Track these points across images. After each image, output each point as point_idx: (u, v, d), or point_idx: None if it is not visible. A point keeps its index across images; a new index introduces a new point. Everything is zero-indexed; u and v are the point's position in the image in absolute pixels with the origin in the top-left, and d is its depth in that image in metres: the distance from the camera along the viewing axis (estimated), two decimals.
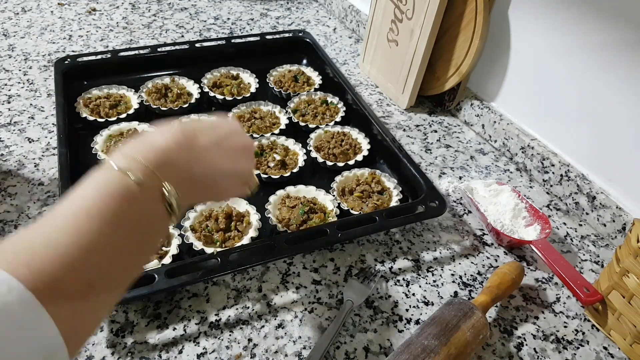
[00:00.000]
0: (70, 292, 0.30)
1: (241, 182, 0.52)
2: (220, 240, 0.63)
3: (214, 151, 0.46)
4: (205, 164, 0.45)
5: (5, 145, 0.79)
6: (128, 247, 0.36)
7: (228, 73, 0.98)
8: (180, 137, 0.42)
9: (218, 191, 0.50)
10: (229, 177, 0.49)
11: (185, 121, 0.46)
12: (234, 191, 0.52)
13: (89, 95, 0.87)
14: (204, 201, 0.61)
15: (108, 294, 0.35)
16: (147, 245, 0.39)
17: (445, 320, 0.53)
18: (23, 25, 1.13)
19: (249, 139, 0.53)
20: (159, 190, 0.38)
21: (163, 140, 0.40)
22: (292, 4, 1.38)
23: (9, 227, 0.66)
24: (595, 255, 0.71)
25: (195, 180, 0.44)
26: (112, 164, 0.36)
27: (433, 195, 0.69)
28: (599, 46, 0.69)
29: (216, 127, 0.48)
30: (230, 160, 0.48)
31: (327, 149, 0.81)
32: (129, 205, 0.35)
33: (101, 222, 0.33)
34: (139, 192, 0.36)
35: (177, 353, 0.54)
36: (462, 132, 0.94)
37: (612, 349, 0.59)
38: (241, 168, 0.51)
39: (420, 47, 0.90)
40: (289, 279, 0.63)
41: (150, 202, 0.37)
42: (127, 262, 0.36)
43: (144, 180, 0.36)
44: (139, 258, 0.38)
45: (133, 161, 0.37)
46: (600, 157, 0.74)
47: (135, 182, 0.36)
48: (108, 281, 0.34)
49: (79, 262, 0.31)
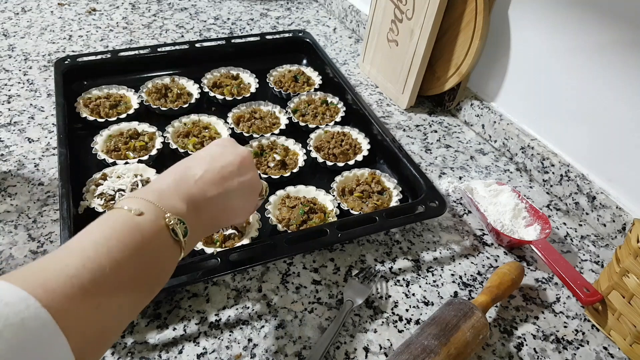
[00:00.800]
0: (81, 311, 0.33)
1: (251, 194, 0.53)
2: (220, 240, 0.63)
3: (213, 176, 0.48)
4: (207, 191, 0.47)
5: (5, 145, 0.79)
6: (135, 274, 0.38)
7: (228, 73, 0.98)
8: (175, 176, 0.47)
9: (234, 213, 0.52)
10: (237, 195, 0.51)
11: (178, 162, 0.50)
12: (248, 207, 0.54)
13: (89, 95, 0.87)
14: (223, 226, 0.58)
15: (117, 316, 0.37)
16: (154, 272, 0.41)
17: (445, 321, 0.53)
18: (23, 25, 1.13)
19: (242, 150, 0.53)
20: (162, 219, 0.41)
21: (160, 183, 0.46)
22: (292, 4, 1.38)
23: (9, 227, 0.66)
24: (595, 255, 0.71)
25: (201, 208, 0.47)
26: (117, 206, 0.41)
27: (433, 195, 0.69)
28: (599, 46, 0.69)
29: (207, 154, 0.51)
30: (230, 178, 0.50)
31: (327, 149, 0.81)
32: (133, 235, 0.39)
33: (108, 249, 0.36)
34: (142, 222, 0.40)
35: (177, 353, 0.54)
36: (462, 132, 0.94)
37: (612, 349, 0.59)
38: (245, 181, 0.52)
39: (420, 47, 0.90)
40: (289, 279, 0.63)
41: (154, 231, 0.40)
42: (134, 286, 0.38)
43: (145, 212, 0.40)
44: (146, 284, 0.40)
45: (135, 200, 0.42)
46: (600, 157, 0.74)
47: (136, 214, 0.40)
48: (116, 303, 0.36)
49: (88, 284, 0.34)
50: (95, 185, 0.69)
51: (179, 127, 0.83)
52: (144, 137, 0.80)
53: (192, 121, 0.84)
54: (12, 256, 0.62)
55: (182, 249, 0.43)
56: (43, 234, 0.65)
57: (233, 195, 0.50)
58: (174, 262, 0.43)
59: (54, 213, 0.68)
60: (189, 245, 0.44)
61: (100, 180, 0.69)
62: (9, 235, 0.65)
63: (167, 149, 0.79)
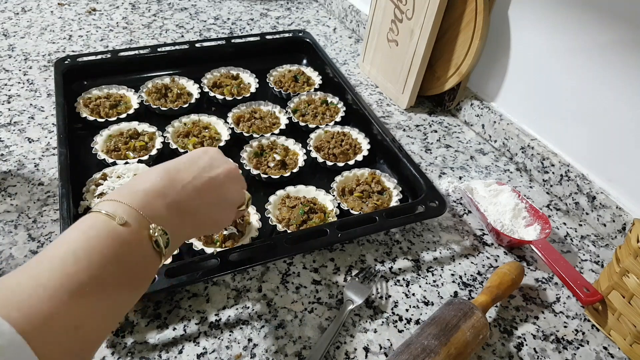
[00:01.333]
0: (59, 333, 0.31)
1: (233, 206, 0.53)
2: (220, 240, 0.63)
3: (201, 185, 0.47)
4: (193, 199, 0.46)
5: (5, 145, 0.79)
6: (116, 286, 0.37)
7: (228, 73, 0.98)
8: (163, 177, 0.44)
9: (214, 223, 0.51)
10: (221, 207, 0.51)
11: (166, 162, 0.48)
12: (229, 218, 0.53)
13: (89, 95, 0.87)
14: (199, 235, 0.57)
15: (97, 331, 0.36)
16: (136, 283, 0.40)
17: (445, 320, 0.53)
18: (23, 25, 1.13)
19: (230, 163, 0.53)
20: (146, 229, 0.40)
21: (147, 182, 0.43)
22: (292, 4, 1.38)
23: (9, 227, 0.66)
24: (595, 255, 0.71)
25: (185, 215, 0.45)
26: (98, 209, 0.38)
27: (433, 195, 0.69)
28: (599, 46, 0.69)
29: (196, 160, 0.50)
30: (216, 191, 0.49)
31: (327, 149, 0.81)
32: (115, 246, 0.37)
33: (88, 263, 0.34)
34: (124, 232, 0.38)
35: (177, 353, 0.54)
36: (462, 132, 0.94)
37: (612, 349, 0.59)
38: (230, 195, 0.52)
39: (420, 47, 0.90)
40: (289, 279, 0.63)
41: (137, 242, 0.39)
42: (115, 299, 0.37)
43: (129, 221, 0.38)
44: (128, 296, 0.39)
45: (118, 205, 0.39)
46: (600, 157, 0.74)
47: (119, 224, 0.37)
48: (97, 319, 0.35)
49: (67, 303, 0.32)
50: (95, 185, 0.69)
51: (179, 127, 0.83)
52: (144, 137, 0.80)
53: (192, 121, 0.84)
54: (12, 256, 0.62)
55: (162, 257, 0.42)
56: (43, 234, 0.65)
57: (216, 207, 0.50)
58: (154, 270, 0.42)
59: (54, 213, 0.68)
60: (168, 254, 0.43)
61: (100, 180, 0.69)
62: (9, 235, 0.65)
63: (167, 149, 0.79)
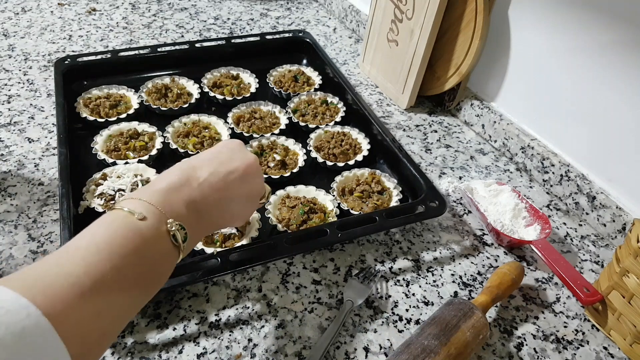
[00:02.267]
0: (81, 319, 0.33)
1: (252, 201, 0.54)
2: (220, 240, 0.63)
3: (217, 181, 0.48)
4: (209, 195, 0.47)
5: (5, 145, 0.79)
6: (135, 278, 0.38)
7: (228, 73, 0.98)
8: (180, 176, 0.46)
9: (232, 217, 0.52)
10: (238, 202, 0.51)
11: (185, 159, 0.50)
12: (248, 212, 0.55)
13: (89, 95, 0.87)
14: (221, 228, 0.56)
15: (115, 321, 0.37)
16: (154, 276, 0.42)
17: (445, 321, 0.53)
18: (23, 25, 1.13)
19: (250, 156, 0.53)
20: (164, 224, 0.42)
21: (165, 181, 0.45)
22: (292, 4, 1.38)
23: (9, 227, 0.66)
24: (595, 255, 0.71)
25: (202, 211, 0.47)
26: (119, 207, 0.41)
27: (433, 195, 0.69)
28: (599, 46, 0.69)
29: (216, 155, 0.51)
30: (234, 185, 0.50)
31: (327, 149, 0.81)
32: (135, 239, 0.39)
33: (109, 254, 0.37)
34: (143, 227, 0.40)
35: (177, 353, 0.54)
36: (462, 132, 0.94)
37: (612, 349, 0.59)
38: (247, 188, 0.52)
39: (420, 47, 0.90)
40: (289, 279, 0.63)
41: (155, 237, 0.41)
42: (134, 291, 0.39)
43: (148, 216, 0.40)
44: (145, 289, 0.41)
45: (138, 202, 0.42)
46: (600, 157, 0.74)
47: (138, 219, 0.40)
48: (116, 308, 0.37)
49: (90, 291, 0.34)
50: (95, 185, 0.69)
51: (179, 127, 0.83)
52: (144, 137, 0.80)
53: (192, 121, 0.84)
54: (12, 256, 0.62)
55: (181, 252, 0.43)
56: (43, 234, 0.65)
57: (234, 202, 0.50)
58: (172, 265, 0.44)
59: (54, 213, 0.68)
60: (187, 249, 0.44)
61: (100, 180, 0.69)
62: (9, 235, 0.65)
63: (167, 149, 0.79)
